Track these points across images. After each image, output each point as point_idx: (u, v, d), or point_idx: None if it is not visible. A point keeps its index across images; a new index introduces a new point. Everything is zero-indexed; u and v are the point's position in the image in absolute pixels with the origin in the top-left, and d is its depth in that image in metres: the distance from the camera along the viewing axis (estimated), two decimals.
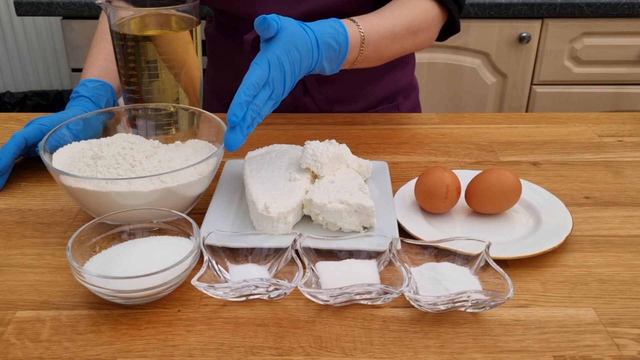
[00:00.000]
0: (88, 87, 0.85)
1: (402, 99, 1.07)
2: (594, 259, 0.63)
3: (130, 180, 0.61)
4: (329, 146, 0.71)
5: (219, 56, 1.06)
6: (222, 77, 1.07)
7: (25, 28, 2.28)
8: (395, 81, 1.05)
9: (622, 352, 0.52)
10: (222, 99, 1.08)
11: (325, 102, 1.01)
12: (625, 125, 0.95)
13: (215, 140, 0.73)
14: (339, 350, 0.52)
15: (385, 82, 1.03)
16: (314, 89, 1.00)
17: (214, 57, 1.08)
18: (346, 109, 1.03)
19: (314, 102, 1.01)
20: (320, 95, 1.00)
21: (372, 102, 1.04)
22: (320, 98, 1.00)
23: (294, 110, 1.02)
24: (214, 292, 0.56)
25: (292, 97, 1.01)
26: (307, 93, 1.00)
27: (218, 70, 1.07)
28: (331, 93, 1.01)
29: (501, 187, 0.67)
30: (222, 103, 1.08)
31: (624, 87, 1.84)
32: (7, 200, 0.74)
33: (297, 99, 1.01)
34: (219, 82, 1.08)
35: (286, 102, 1.01)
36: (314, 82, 0.99)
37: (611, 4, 1.69)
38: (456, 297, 0.53)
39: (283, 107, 1.02)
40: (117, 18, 0.77)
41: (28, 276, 0.61)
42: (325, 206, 0.64)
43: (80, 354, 0.51)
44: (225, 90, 1.07)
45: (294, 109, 1.02)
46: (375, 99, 1.04)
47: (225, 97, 1.07)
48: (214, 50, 1.07)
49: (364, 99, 1.03)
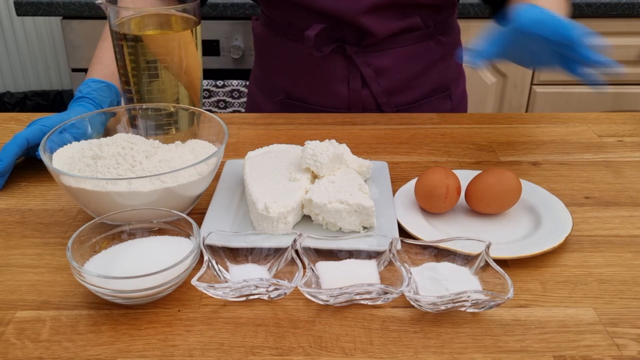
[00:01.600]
0: (92, 87, 0.84)
1: (454, 87, 1.08)
2: (594, 259, 0.63)
3: (130, 180, 0.61)
4: (329, 146, 0.71)
5: (269, 54, 1.05)
6: (274, 75, 1.06)
7: (25, 28, 2.28)
8: (447, 69, 1.05)
9: (622, 352, 0.52)
10: (275, 97, 1.06)
11: (383, 94, 1.00)
12: (625, 125, 0.95)
13: (215, 140, 0.73)
14: (339, 350, 0.52)
15: (439, 70, 1.04)
16: (373, 81, 0.99)
17: (262, 54, 1.07)
18: (402, 99, 1.02)
19: (372, 94, 1.00)
20: (379, 87, 1.00)
21: (427, 90, 1.04)
22: (378, 90, 1.00)
23: (351, 104, 1.01)
24: (214, 292, 0.56)
25: (350, 91, 1.00)
26: (365, 85, 1.00)
27: (269, 68, 1.06)
28: (388, 84, 1.00)
29: (501, 187, 0.67)
30: (274, 101, 1.07)
31: (624, 87, 1.84)
32: (7, 200, 0.74)
33: (355, 92, 1.00)
34: (269, 79, 1.07)
35: (343, 94, 1.00)
36: (372, 75, 0.98)
37: (611, 4, 1.69)
38: (456, 297, 0.53)
39: (340, 101, 1.01)
40: (117, 18, 0.77)
41: (28, 276, 0.61)
42: (325, 206, 0.64)
43: (80, 354, 0.51)
44: (278, 87, 1.06)
45: (351, 102, 1.01)
46: (430, 87, 1.04)
47: (277, 94, 1.06)
48: (263, 48, 1.06)
49: (419, 88, 1.03)
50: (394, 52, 0.98)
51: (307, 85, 1.02)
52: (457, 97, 1.10)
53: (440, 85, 1.06)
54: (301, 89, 1.03)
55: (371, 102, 1.01)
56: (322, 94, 1.01)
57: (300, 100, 1.04)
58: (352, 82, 0.99)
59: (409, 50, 0.99)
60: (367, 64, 0.98)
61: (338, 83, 0.99)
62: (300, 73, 1.01)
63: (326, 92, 1.01)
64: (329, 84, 1.00)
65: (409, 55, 0.99)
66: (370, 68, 0.98)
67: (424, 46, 1.00)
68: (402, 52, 0.98)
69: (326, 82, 1.00)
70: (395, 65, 0.99)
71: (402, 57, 0.99)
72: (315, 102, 1.02)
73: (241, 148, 0.87)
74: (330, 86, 1.00)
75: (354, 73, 0.98)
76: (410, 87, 1.02)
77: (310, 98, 1.03)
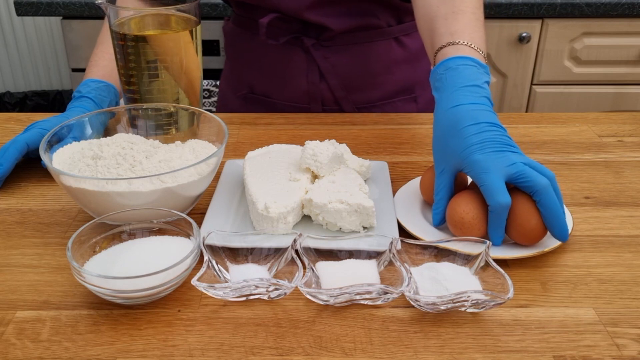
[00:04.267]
0: (91, 87, 0.85)
1: (420, 90, 1.07)
2: (594, 259, 0.63)
3: (130, 180, 0.61)
4: (329, 146, 0.71)
5: (237, 49, 1.07)
6: (240, 68, 1.07)
7: (25, 28, 2.28)
8: (413, 72, 1.04)
9: (622, 352, 0.52)
10: (240, 91, 1.08)
11: (341, 89, 1.00)
12: (625, 125, 0.95)
13: (215, 140, 0.73)
14: (339, 350, 0.52)
15: (403, 72, 1.03)
16: (330, 75, 0.99)
17: (232, 51, 1.08)
18: (363, 97, 1.02)
19: (330, 88, 1.01)
20: (336, 81, 1.00)
21: (389, 91, 1.04)
22: (335, 84, 1.00)
23: (310, 97, 1.02)
24: (214, 292, 0.56)
25: (309, 84, 1.00)
26: (322, 78, 1.00)
27: (236, 63, 1.08)
28: (345, 80, 1.00)
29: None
30: (238, 94, 1.08)
31: (624, 87, 1.84)
32: (7, 200, 0.74)
33: (314, 85, 1.00)
34: (237, 74, 1.08)
35: (302, 88, 1.01)
36: (329, 68, 0.99)
37: (611, 4, 1.69)
38: (456, 297, 0.53)
39: (300, 94, 1.01)
40: (117, 18, 0.77)
41: (28, 276, 0.61)
42: (325, 206, 0.64)
43: (80, 354, 0.51)
44: (243, 81, 1.07)
45: (310, 96, 1.01)
46: (392, 89, 1.04)
47: (242, 89, 1.07)
48: (232, 44, 1.07)
49: (381, 88, 1.03)
50: (352, 49, 0.99)
51: (269, 79, 1.03)
52: (425, 101, 1.09)
53: (404, 88, 1.05)
54: (264, 83, 1.04)
55: (329, 96, 1.01)
56: (282, 87, 1.03)
57: (262, 94, 1.05)
58: (310, 75, 1.00)
59: (368, 47, 0.99)
60: (324, 58, 0.98)
61: (297, 76, 1.01)
62: (264, 67, 1.03)
63: (287, 85, 1.02)
64: (289, 77, 1.01)
65: (368, 53, 0.99)
66: (328, 62, 0.99)
67: (385, 46, 1.00)
68: (361, 49, 0.99)
69: (287, 75, 1.01)
70: (353, 61, 0.99)
71: (361, 54, 0.99)
72: (276, 96, 1.04)
73: (241, 148, 0.87)
74: (291, 79, 1.01)
75: (312, 66, 0.99)
76: (369, 86, 1.02)
77: (272, 92, 1.04)
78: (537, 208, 0.60)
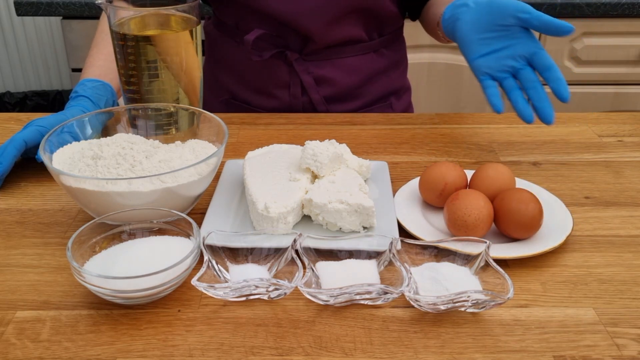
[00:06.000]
0: (87, 86, 0.85)
1: (394, 99, 1.09)
2: (594, 259, 0.63)
3: (130, 180, 0.61)
4: (329, 146, 0.71)
5: (217, 54, 1.07)
6: (221, 74, 1.07)
7: (25, 28, 2.28)
8: (389, 82, 1.06)
9: (622, 352, 0.52)
10: (221, 96, 1.08)
11: (322, 103, 1.02)
12: (625, 125, 0.95)
13: (215, 140, 0.73)
14: (339, 350, 0.52)
15: (381, 82, 1.05)
16: (312, 89, 1.00)
17: (213, 54, 1.08)
18: (343, 108, 1.04)
19: (311, 100, 1.02)
20: (317, 95, 1.01)
21: (368, 100, 1.05)
22: (317, 98, 1.01)
23: (292, 109, 1.03)
24: (214, 292, 0.56)
25: (290, 97, 1.01)
26: (305, 93, 1.01)
27: (216, 67, 1.08)
28: (328, 93, 1.01)
29: (499, 182, 0.67)
30: (220, 100, 1.08)
31: (624, 87, 1.84)
32: (7, 200, 0.74)
33: (296, 98, 1.01)
34: (217, 79, 1.08)
35: (284, 100, 1.02)
36: (311, 83, 1.00)
37: (611, 4, 1.69)
38: (456, 297, 0.53)
39: (281, 106, 1.02)
40: (117, 18, 0.77)
41: (28, 276, 0.61)
42: (325, 206, 0.64)
43: (80, 354, 0.51)
44: (223, 87, 1.07)
45: (292, 107, 1.02)
46: (371, 98, 1.05)
47: (223, 94, 1.08)
48: (212, 47, 1.08)
49: (360, 99, 1.04)
50: (335, 63, 0.99)
51: (250, 88, 1.04)
52: (402, 107, 1.10)
53: (382, 96, 1.07)
54: (245, 91, 1.05)
55: (310, 109, 1.03)
56: (264, 97, 1.03)
57: (244, 101, 1.06)
58: (292, 88, 1.01)
59: (350, 61, 1.00)
60: (307, 72, 0.99)
61: (279, 88, 1.01)
62: (245, 75, 1.03)
63: (268, 96, 1.03)
64: (271, 89, 1.02)
65: (350, 67, 1.00)
66: (310, 76, 0.99)
67: (367, 58, 1.01)
68: (343, 62, 1.00)
69: (269, 86, 1.02)
70: (335, 75, 1.00)
71: (343, 68, 1.00)
72: (257, 104, 1.04)
73: (241, 148, 0.87)
74: (273, 91, 1.02)
75: (294, 80, 1.00)
76: (350, 97, 1.04)
77: (253, 100, 1.05)
78: (531, 198, 0.62)
